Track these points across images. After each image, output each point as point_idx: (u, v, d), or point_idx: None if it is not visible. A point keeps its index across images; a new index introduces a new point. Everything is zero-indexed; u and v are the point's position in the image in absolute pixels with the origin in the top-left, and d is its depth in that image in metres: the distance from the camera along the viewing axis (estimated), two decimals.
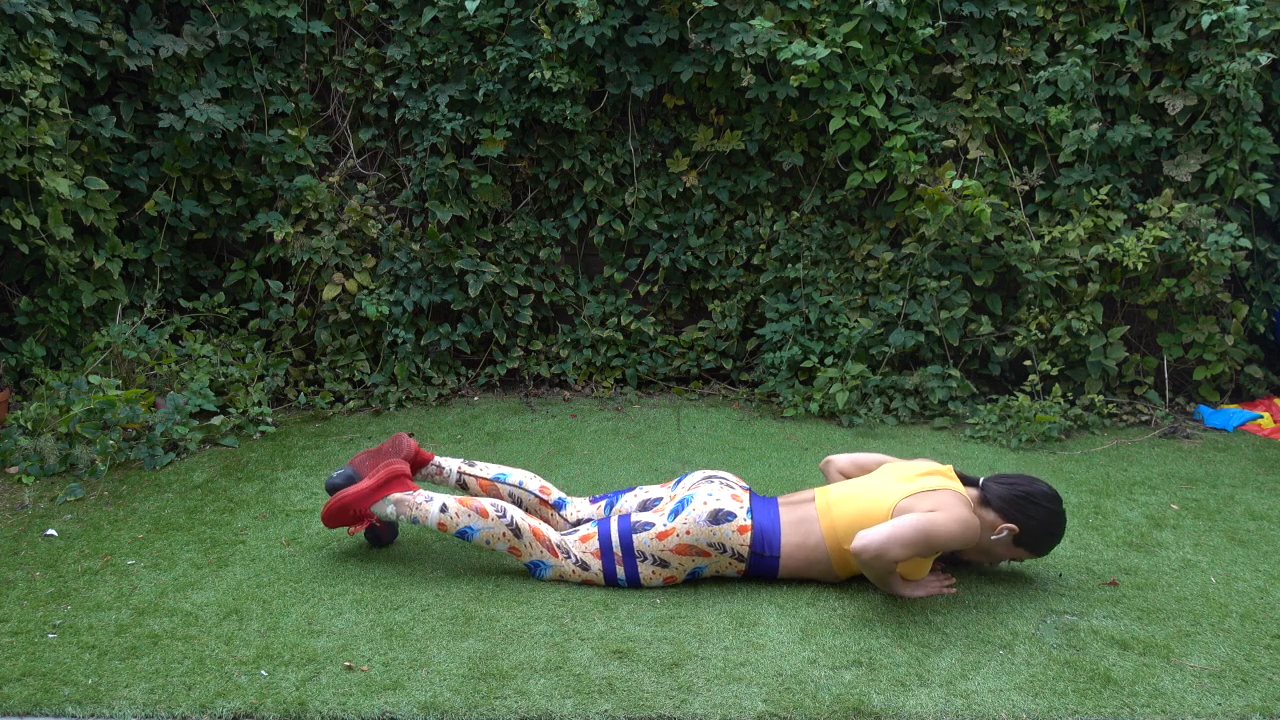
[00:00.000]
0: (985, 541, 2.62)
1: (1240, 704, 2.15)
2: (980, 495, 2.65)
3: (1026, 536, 2.61)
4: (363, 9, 4.44)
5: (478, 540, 2.69)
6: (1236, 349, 4.32)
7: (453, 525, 2.70)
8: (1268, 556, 2.90)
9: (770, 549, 2.62)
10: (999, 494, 2.62)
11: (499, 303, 4.61)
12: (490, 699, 2.14)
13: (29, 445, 3.56)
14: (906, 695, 2.16)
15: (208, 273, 4.60)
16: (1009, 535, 2.60)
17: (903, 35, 4.25)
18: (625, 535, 2.64)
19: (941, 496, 2.55)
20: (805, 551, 2.62)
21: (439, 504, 2.72)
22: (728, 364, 4.65)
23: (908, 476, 2.65)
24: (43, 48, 3.85)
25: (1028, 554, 2.66)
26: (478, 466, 2.97)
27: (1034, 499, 2.61)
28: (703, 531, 2.60)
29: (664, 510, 2.67)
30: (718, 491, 2.66)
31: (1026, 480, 2.66)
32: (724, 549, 2.61)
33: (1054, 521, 2.62)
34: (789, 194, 4.59)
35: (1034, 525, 2.60)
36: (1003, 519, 2.60)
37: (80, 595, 2.63)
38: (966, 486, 2.67)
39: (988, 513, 2.62)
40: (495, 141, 4.38)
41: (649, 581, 2.65)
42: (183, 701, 2.13)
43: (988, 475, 2.74)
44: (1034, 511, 2.60)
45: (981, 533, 2.60)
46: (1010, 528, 2.59)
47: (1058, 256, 4.25)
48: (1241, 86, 4.00)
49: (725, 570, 2.67)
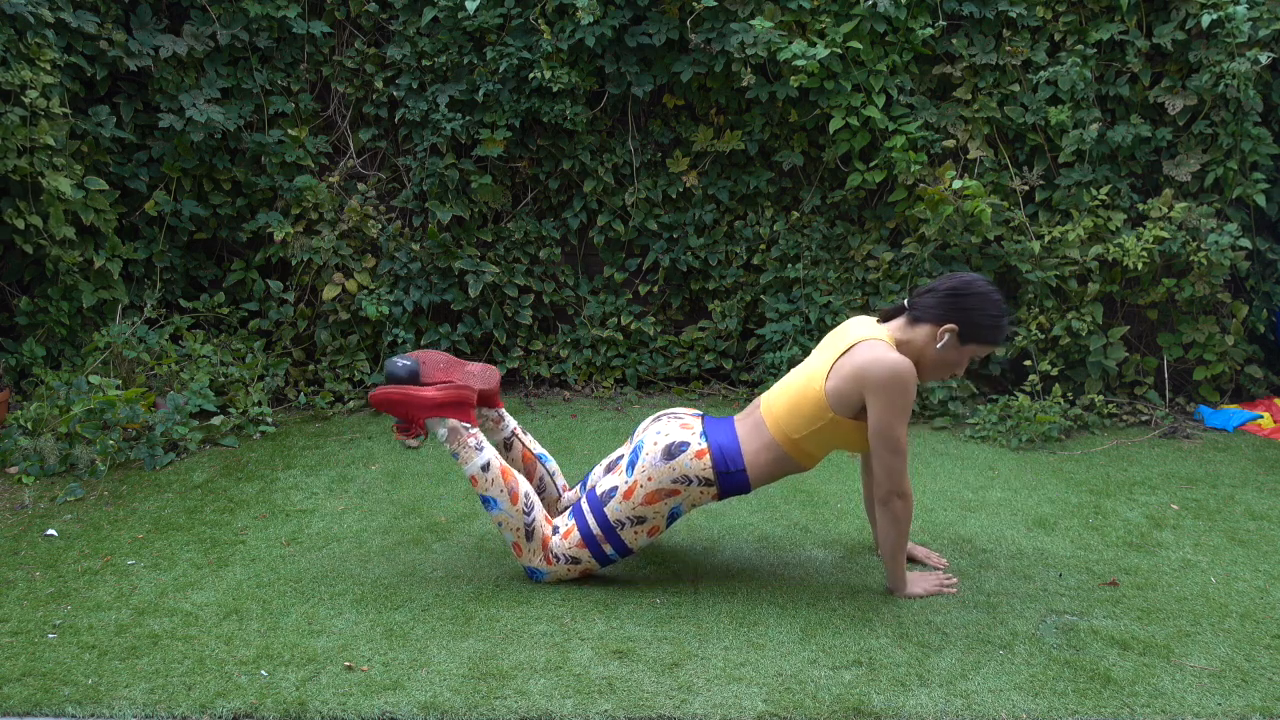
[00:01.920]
0: (932, 354, 2.54)
1: (1240, 704, 2.15)
2: (908, 316, 2.57)
3: (969, 329, 2.52)
4: (363, 9, 4.44)
5: (494, 516, 2.64)
6: (1236, 349, 4.32)
7: (483, 487, 2.63)
8: (1268, 556, 2.90)
9: (734, 464, 2.58)
10: (925, 303, 2.54)
11: (499, 303, 4.61)
12: (490, 699, 2.14)
13: (29, 445, 3.56)
14: (906, 695, 2.16)
15: (208, 273, 4.60)
16: (952, 337, 2.52)
17: (903, 35, 4.25)
18: (598, 510, 2.61)
19: (862, 349, 2.48)
20: (766, 454, 2.58)
21: (485, 459, 2.64)
22: (728, 364, 4.65)
23: (824, 350, 2.60)
24: (43, 48, 3.85)
25: (982, 347, 2.56)
26: (528, 438, 2.91)
27: (960, 291, 2.52)
28: (662, 471, 2.56)
29: (621, 468, 2.64)
30: (665, 427, 2.63)
31: (948, 276, 2.57)
32: (689, 480, 2.57)
33: (989, 304, 2.51)
34: (789, 194, 4.59)
35: (972, 315, 2.51)
36: (939, 325, 2.52)
37: (80, 595, 2.63)
38: (889, 319, 2.61)
39: (922, 328, 2.54)
40: (495, 142, 4.38)
41: (635, 543, 2.63)
42: (183, 701, 2.13)
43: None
44: (965, 303, 2.51)
45: (925, 349, 2.53)
46: (949, 328, 2.51)
47: (1058, 256, 4.25)
48: (1241, 86, 4.00)
49: (700, 500, 2.62)
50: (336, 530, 3.07)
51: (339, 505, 3.30)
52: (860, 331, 2.57)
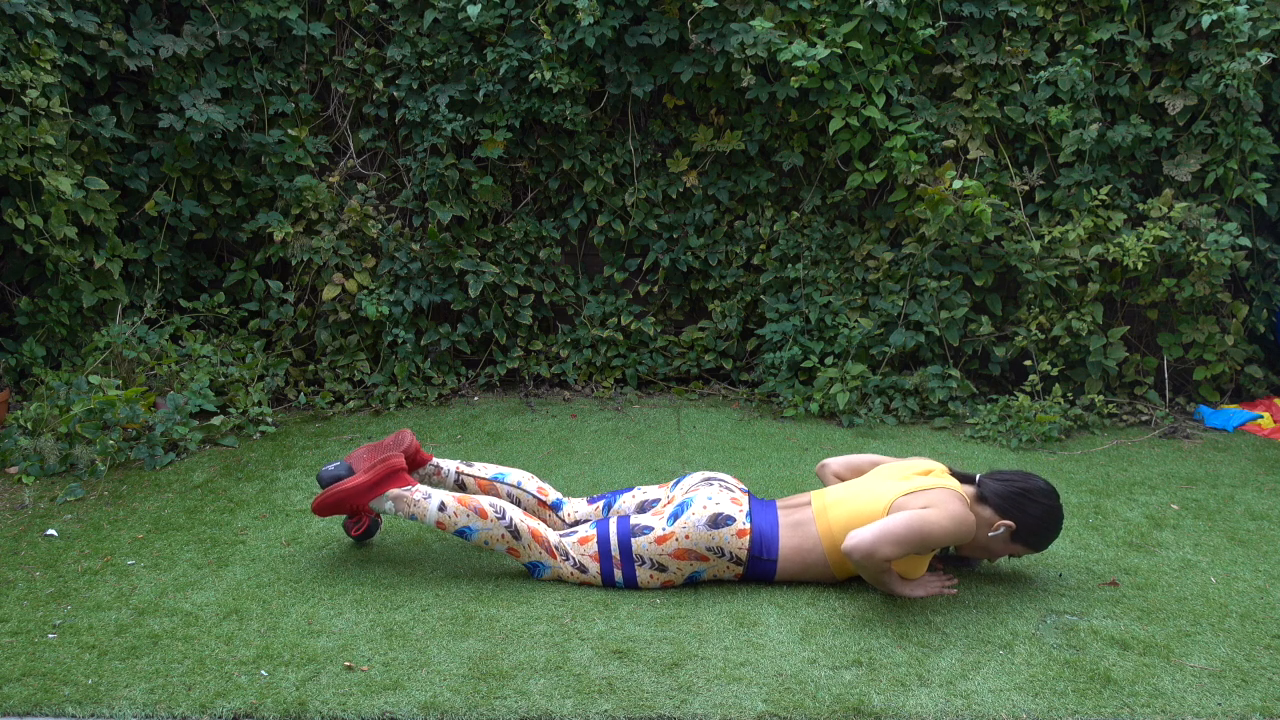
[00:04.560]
0: (982, 538, 2.62)
1: (1240, 704, 2.15)
2: (976, 492, 2.65)
3: (1024, 532, 2.61)
4: (363, 10, 4.44)
5: (476, 540, 2.69)
6: (1236, 349, 4.31)
7: (451, 524, 2.68)
8: (1268, 556, 2.90)
9: (768, 552, 2.62)
10: (995, 490, 2.62)
11: (499, 303, 4.61)
12: (490, 699, 2.14)
13: (29, 445, 3.56)
14: (906, 695, 2.16)
15: (208, 273, 4.60)
16: (1006, 531, 2.60)
17: (902, 35, 4.25)
18: (624, 538, 2.63)
19: (936, 494, 2.55)
20: (802, 555, 2.62)
21: (437, 501, 2.70)
22: (728, 364, 4.65)
23: (903, 475, 2.65)
24: (43, 48, 3.85)
25: (1026, 549, 2.66)
26: (475, 467, 2.96)
27: (1030, 495, 2.60)
28: (702, 536, 2.60)
29: (663, 514, 2.67)
30: (717, 495, 2.66)
31: (1022, 476, 2.66)
32: (722, 553, 2.61)
33: (1051, 517, 2.62)
34: (789, 194, 4.59)
35: (1031, 521, 2.60)
36: (999, 515, 2.60)
37: (80, 595, 2.63)
38: (963, 484, 2.67)
39: (984, 509, 2.62)
40: (495, 142, 4.38)
41: (646, 585, 2.65)
42: (183, 701, 2.13)
43: (983, 473, 2.74)
44: (1031, 508, 2.60)
45: (978, 530, 2.60)
46: (1007, 524, 2.59)
47: (1058, 256, 4.25)
48: (1241, 86, 4.00)
49: (723, 574, 2.66)
50: (336, 530, 3.07)
51: None
52: (947, 480, 2.62)
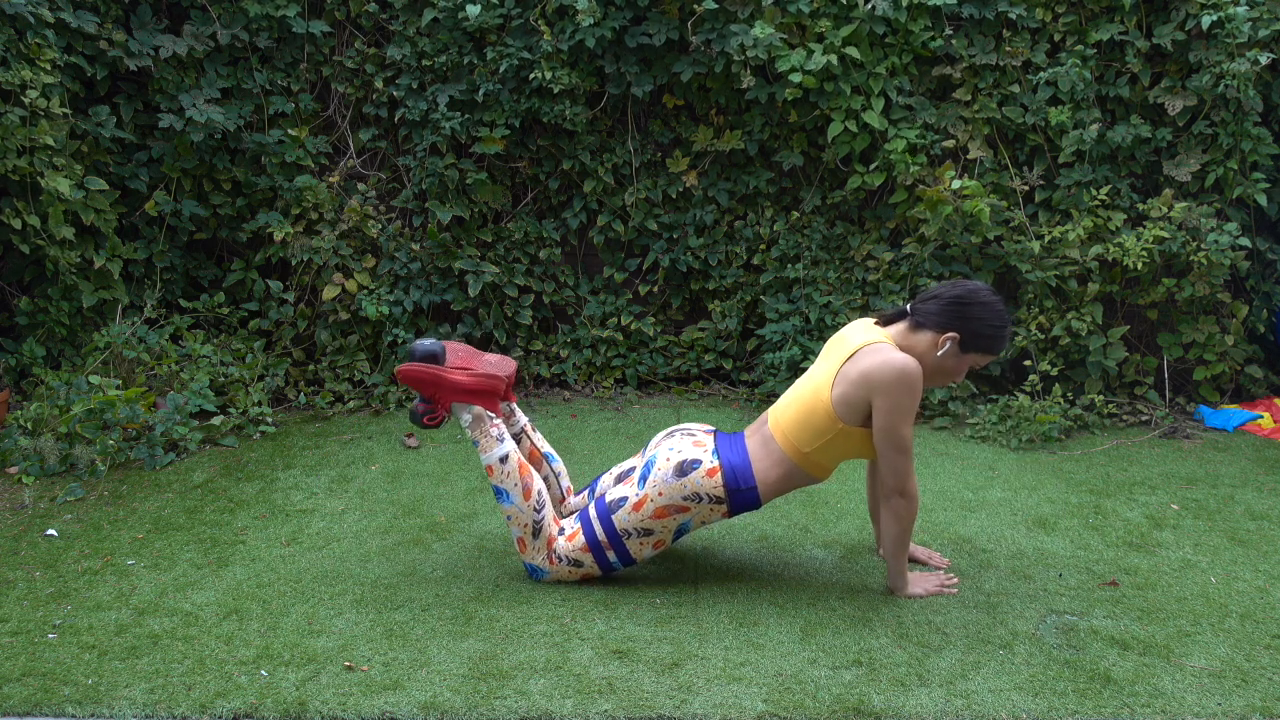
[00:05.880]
0: (933, 362, 2.54)
1: (1240, 704, 2.15)
2: (911, 321, 2.57)
3: (971, 339, 2.52)
4: (363, 9, 4.44)
5: (505, 508, 2.64)
6: (1236, 349, 4.32)
7: (498, 478, 2.63)
8: (1268, 556, 2.90)
9: (745, 482, 2.58)
10: (929, 310, 2.54)
11: (499, 303, 4.61)
12: (490, 699, 2.14)
13: (29, 445, 3.56)
14: (906, 695, 2.16)
15: (208, 273, 4.60)
16: (953, 345, 2.52)
17: (902, 37, 4.25)
18: (605, 518, 2.61)
19: (864, 357, 2.48)
20: (776, 470, 2.58)
21: (505, 451, 2.64)
22: (728, 364, 4.65)
23: (827, 355, 2.61)
24: (43, 48, 3.85)
25: (982, 356, 2.56)
26: (537, 435, 2.91)
27: (963, 300, 2.52)
28: (673, 487, 2.57)
29: (633, 480, 2.65)
30: (678, 443, 2.63)
31: (950, 285, 2.57)
32: (699, 498, 2.58)
33: (991, 313, 2.52)
34: (789, 194, 4.59)
35: (973, 324, 2.51)
36: (940, 332, 2.53)
37: (80, 595, 2.63)
38: (892, 324, 2.61)
39: (924, 334, 2.54)
40: (494, 140, 4.38)
41: (640, 555, 2.63)
42: (183, 701, 2.13)
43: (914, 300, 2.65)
44: (968, 311, 2.51)
45: (925, 355, 2.54)
46: (951, 336, 2.51)
47: (1058, 256, 4.25)
48: (1241, 86, 4.00)
49: (710, 518, 2.63)
50: (336, 530, 3.08)
51: (339, 505, 3.30)
52: (862, 337, 2.56)
